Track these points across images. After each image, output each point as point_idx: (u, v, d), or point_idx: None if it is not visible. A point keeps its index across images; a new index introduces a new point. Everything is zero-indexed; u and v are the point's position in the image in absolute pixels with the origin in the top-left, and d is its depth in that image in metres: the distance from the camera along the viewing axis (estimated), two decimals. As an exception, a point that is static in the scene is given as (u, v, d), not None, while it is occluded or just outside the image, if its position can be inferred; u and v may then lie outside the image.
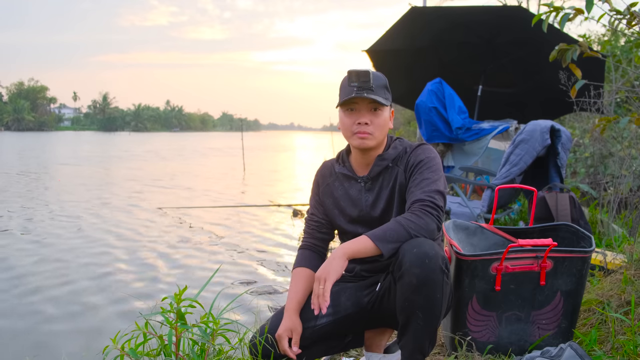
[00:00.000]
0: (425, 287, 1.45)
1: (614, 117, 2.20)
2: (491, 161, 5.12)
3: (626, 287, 2.20)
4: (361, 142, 1.66)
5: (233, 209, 8.28)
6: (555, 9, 2.08)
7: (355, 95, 1.62)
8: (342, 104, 1.66)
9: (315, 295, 1.47)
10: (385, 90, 1.68)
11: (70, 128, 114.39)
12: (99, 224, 6.82)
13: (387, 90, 1.70)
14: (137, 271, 4.63)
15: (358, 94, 1.62)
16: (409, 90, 5.92)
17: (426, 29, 5.49)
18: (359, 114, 1.66)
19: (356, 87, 1.63)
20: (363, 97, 1.62)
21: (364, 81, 1.61)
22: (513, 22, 5.04)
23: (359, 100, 1.64)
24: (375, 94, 1.63)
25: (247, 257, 5.18)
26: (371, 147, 1.68)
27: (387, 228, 1.52)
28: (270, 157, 26.07)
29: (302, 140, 70.80)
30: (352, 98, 1.63)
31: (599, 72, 4.89)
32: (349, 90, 1.64)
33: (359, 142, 1.67)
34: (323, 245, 1.84)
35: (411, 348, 1.52)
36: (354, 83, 1.63)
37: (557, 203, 3.50)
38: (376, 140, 1.67)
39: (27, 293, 4.01)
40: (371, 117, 1.65)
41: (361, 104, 1.65)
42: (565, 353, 1.65)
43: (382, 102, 1.63)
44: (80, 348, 3.04)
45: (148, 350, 1.56)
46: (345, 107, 1.68)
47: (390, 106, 1.72)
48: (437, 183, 1.61)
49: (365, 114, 1.65)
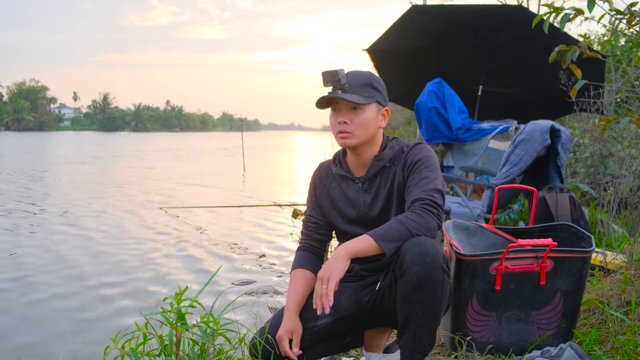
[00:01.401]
0: (425, 286, 1.45)
1: (614, 118, 2.20)
2: (491, 161, 5.12)
3: (626, 287, 2.20)
4: (342, 142, 1.67)
5: (233, 209, 8.28)
6: (555, 10, 2.08)
7: (328, 95, 1.63)
8: (318, 105, 1.67)
9: (318, 295, 1.46)
10: (369, 88, 1.65)
11: (70, 128, 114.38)
12: (99, 223, 6.82)
13: (373, 88, 1.66)
14: (137, 271, 4.63)
15: (332, 94, 1.63)
16: (409, 90, 5.92)
17: (427, 28, 5.48)
18: (340, 112, 1.66)
19: (331, 87, 1.64)
20: (336, 97, 1.62)
21: (335, 81, 1.61)
22: (513, 21, 5.03)
23: (338, 99, 1.64)
24: (349, 93, 1.62)
25: (247, 257, 5.18)
26: (353, 145, 1.67)
27: (388, 227, 1.52)
28: (270, 157, 26.07)
29: (302, 140, 70.79)
30: (323, 97, 1.64)
31: (599, 72, 4.89)
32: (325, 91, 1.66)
33: (341, 142, 1.68)
34: (321, 247, 1.85)
35: (411, 347, 1.52)
36: (328, 83, 1.63)
37: (557, 203, 3.50)
38: (358, 139, 1.66)
39: (26, 292, 4.01)
40: (351, 116, 1.65)
41: (341, 103, 1.65)
42: (565, 353, 1.66)
43: (354, 100, 1.60)
44: (79, 348, 3.04)
45: (148, 350, 1.56)
46: (332, 107, 1.69)
47: (378, 104, 1.68)
48: (435, 182, 1.61)
49: (345, 113, 1.65)
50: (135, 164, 18.78)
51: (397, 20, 5.32)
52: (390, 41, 5.72)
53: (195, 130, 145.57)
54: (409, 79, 6.06)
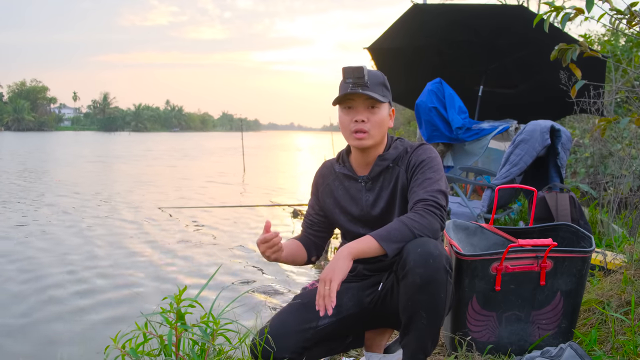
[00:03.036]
0: (429, 287, 1.45)
1: (614, 118, 2.20)
2: (491, 161, 5.12)
3: (626, 287, 2.20)
4: (359, 143, 1.66)
5: (233, 208, 8.28)
6: (556, 9, 2.08)
7: (350, 91, 1.61)
8: (338, 100, 1.66)
9: (321, 296, 1.44)
10: (384, 88, 1.67)
11: (70, 128, 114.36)
12: (99, 223, 6.82)
13: (386, 89, 1.68)
14: (137, 271, 4.63)
15: (353, 90, 1.61)
16: (409, 89, 5.92)
17: (428, 27, 5.48)
18: (356, 111, 1.65)
19: (351, 83, 1.62)
20: (358, 93, 1.61)
21: (358, 77, 1.60)
22: (514, 21, 5.03)
23: (355, 97, 1.63)
24: (370, 91, 1.62)
25: (248, 257, 5.18)
26: (369, 146, 1.67)
27: (391, 228, 1.51)
28: (270, 157, 26.07)
29: (302, 140, 70.79)
30: (347, 94, 1.62)
31: (599, 72, 4.89)
32: (345, 87, 1.64)
33: (357, 143, 1.66)
34: (317, 241, 1.85)
35: (414, 348, 1.52)
36: (349, 79, 1.62)
37: (557, 203, 3.50)
38: (374, 139, 1.66)
39: (25, 292, 4.01)
40: (368, 114, 1.64)
41: (358, 101, 1.64)
42: (565, 353, 1.66)
43: (377, 98, 1.61)
44: (79, 348, 3.04)
45: (148, 350, 1.56)
46: (343, 105, 1.67)
47: (389, 104, 1.70)
48: (439, 183, 1.61)
49: (362, 111, 1.64)
50: (137, 164, 18.77)
51: (398, 19, 5.32)
52: (392, 40, 5.72)
53: (195, 130, 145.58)
54: (409, 78, 6.05)
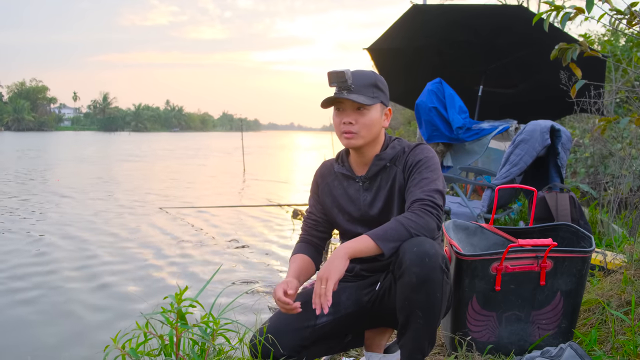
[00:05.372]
0: (425, 286, 1.45)
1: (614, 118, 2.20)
2: (491, 161, 5.12)
3: (626, 287, 2.20)
4: (347, 142, 1.68)
5: (233, 209, 8.28)
6: (556, 8, 2.08)
7: (334, 95, 1.63)
8: (323, 105, 1.67)
9: (317, 295, 1.46)
10: (374, 88, 1.66)
11: (70, 128, 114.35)
12: (100, 223, 6.82)
13: (377, 89, 1.67)
14: (137, 271, 4.63)
15: (337, 95, 1.63)
16: (409, 89, 5.92)
17: (427, 27, 5.48)
18: (344, 113, 1.67)
19: (336, 87, 1.64)
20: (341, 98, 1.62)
21: (341, 82, 1.62)
22: (514, 21, 5.03)
23: (343, 99, 1.64)
24: (355, 93, 1.62)
25: (248, 257, 5.18)
26: (358, 146, 1.68)
27: (387, 227, 1.52)
28: (270, 157, 26.07)
29: (302, 140, 70.80)
30: (329, 98, 1.64)
31: (600, 72, 4.89)
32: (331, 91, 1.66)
33: (346, 142, 1.69)
34: (320, 242, 1.86)
35: (411, 347, 1.53)
36: (334, 84, 1.64)
37: (557, 203, 3.50)
38: (363, 139, 1.67)
39: (26, 292, 4.01)
40: (356, 116, 1.65)
41: (346, 103, 1.65)
42: (565, 353, 1.66)
43: (360, 101, 1.61)
44: (80, 348, 3.04)
45: (148, 350, 1.56)
46: (335, 107, 1.69)
47: (382, 104, 1.69)
48: (436, 182, 1.61)
49: (350, 114, 1.66)
50: (137, 164, 18.77)
51: (398, 19, 5.32)
52: (391, 40, 5.72)
53: (195, 130, 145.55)
54: (409, 79, 6.05)
